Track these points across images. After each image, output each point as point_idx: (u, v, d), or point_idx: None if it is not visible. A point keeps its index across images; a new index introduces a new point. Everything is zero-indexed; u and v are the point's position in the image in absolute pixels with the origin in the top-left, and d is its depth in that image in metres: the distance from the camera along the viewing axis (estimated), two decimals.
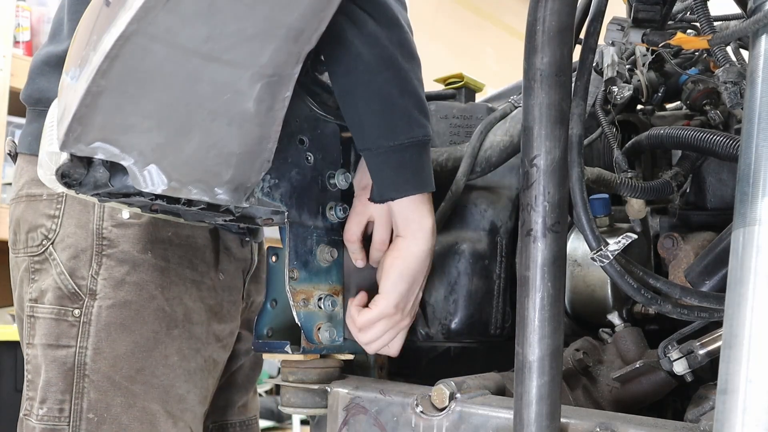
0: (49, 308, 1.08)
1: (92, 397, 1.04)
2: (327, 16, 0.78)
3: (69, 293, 1.07)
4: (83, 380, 1.04)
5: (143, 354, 1.06)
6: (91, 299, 1.06)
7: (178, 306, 1.10)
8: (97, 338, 1.05)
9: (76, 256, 1.08)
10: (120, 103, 0.72)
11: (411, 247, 0.99)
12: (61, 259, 1.08)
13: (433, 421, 0.85)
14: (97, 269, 1.07)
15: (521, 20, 0.75)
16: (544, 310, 0.70)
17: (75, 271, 1.07)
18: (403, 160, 0.95)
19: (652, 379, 0.97)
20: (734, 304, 0.58)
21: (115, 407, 1.04)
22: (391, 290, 0.98)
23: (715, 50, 0.81)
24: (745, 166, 0.60)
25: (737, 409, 0.56)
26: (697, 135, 0.91)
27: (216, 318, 1.16)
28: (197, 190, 0.83)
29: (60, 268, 1.08)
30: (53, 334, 1.06)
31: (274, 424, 3.86)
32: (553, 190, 0.71)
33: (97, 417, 1.03)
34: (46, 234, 1.10)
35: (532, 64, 0.72)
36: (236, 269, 1.22)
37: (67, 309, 1.06)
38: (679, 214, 1.07)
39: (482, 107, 1.21)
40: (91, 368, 1.04)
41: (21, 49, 2.99)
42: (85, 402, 1.04)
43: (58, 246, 1.09)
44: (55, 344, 1.06)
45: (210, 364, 1.16)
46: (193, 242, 1.14)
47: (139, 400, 1.05)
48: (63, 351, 1.05)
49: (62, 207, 1.10)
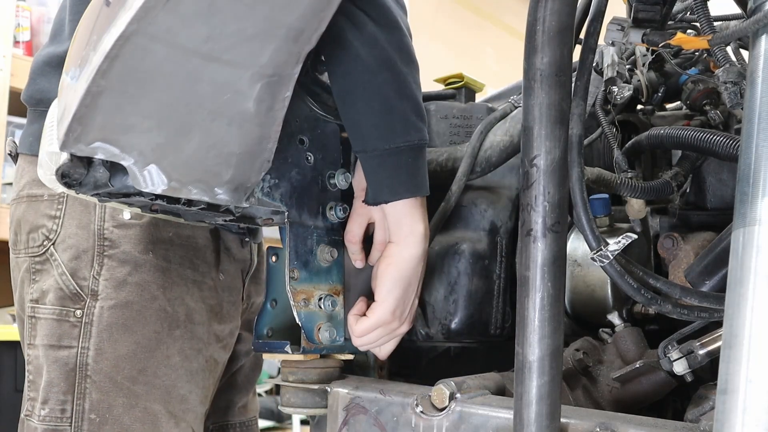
0: (51, 309, 1.07)
1: (94, 397, 1.04)
2: (327, 16, 0.78)
3: (71, 294, 1.07)
4: (85, 381, 1.04)
5: (145, 354, 1.06)
6: (93, 300, 1.06)
7: (179, 306, 1.10)
8: (99, 339, 1.05)
9: (78, 257, 1.08)
10: (120, 103, 0.72)
11: (402, 253, 0.99)
12: (63, 260, 1.08)
13: (433, 421, 0.85)
14: (98, 270, 1.07)
15: (521, 20, 0.75)
16: (544, 310, 0.70)
17: (77, 272, 1.07)
18: (398, 163, 0.95)
19: (652, 379, 0.97)
20: (734, 304, 0.58)
21: (117, 408, 1.04)
22: (386, 298, 0.99)
23: (715, 50, 0.81)
24: (745, 166, 0.60)
25: (737, 409, 0.56)
26: (697, 135, 0.91)
27: (216, 318, 1.16)
28: (197, 190, 0.83)
29: (62, 268, 1.08)
30: (55, 334, 1.06)
31: (274, 424, 3.86)
32: (553, 190, 0.71)
33: (99, 418, 1.03)
34: (47, 234, 1.10)
35: (532, 64, 0.72)
36: (236, 270, 1.23)
37: (68, 309, 1.06)
38: (679, 214, 1.07)
39: (482, 107, 1.21)
40: (93, 369, 1.04)
41: (21, 49, 2.99)
42: (87, 402, 1.04)
43: (59, 246, 1.09)
44: (57, 345, 1.06)
45: (211, 364, 1.16)
46: (194, 242, 1.14)
47: (141, 401, 1.05)
48: (65, 351, 1.05)
49: (63, 207, 1.10)
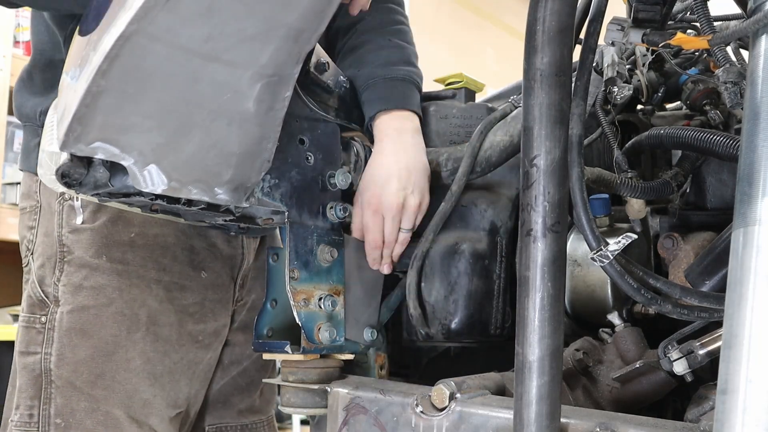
0: (24, 316, 1.09)
1: (58, 402, 1.05)
2: (327, 16, 0.78)
3: (38, 300, 1.08)
4: (50, 386, 1.05)
5: (103, 358, 1.06)
6: (56, 306, 1.07)
7: (140, 308, 1.09)
8: (60, 344, 1.05)
9: (43, 265, 1.09)
10: (120, 103, 0.72)
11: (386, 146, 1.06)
12: (34, 268, 1.10)
13: (433, 421, 0.85)
14: (59, 276, 1.07)
15: (521, 20, 0.75)
16: (544, 310, 0.70)
17: (43, 279, 1.08)
18: (394, 86, 1.08)
19: (652, 379, 0.97)
20: (734, 304, 0.58)
21: (80, 412, 1.05)
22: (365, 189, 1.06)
23: (715, 50, 0.81)
24: (745, 166, 0.60)
25: (737, 409, 0.56)
26: (697, 135, 0.90)
27: (193, 318, 1.15)
28: (197, 190, 0.83)
29: (33, 276, 1.09)
30: (24, 341, 1.07)
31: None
32: (553, 190, 0.71)
33: (64, 422, 1.04)
34: (27, 245, 1.13)
35: (532, 64, 0.72)
36: (223, 266, 1.21)
37: (35, 316, 1.08)
38: (679, 214, 1.07)
39: (482, 107, 1.21)
40: (55, 374, 1.05)
41: (21, 49, 2.99)
42: (52, 407, 1.05)
43: (34, 256, 1.11)
44: (26, 351, 1.07)
45: (183, 366, 1.14)
46: (162, 241, 1.12)
47: (101, 405, 1.06)
48: (31, 358, 1.06)
49: (37, 218, 1.12)
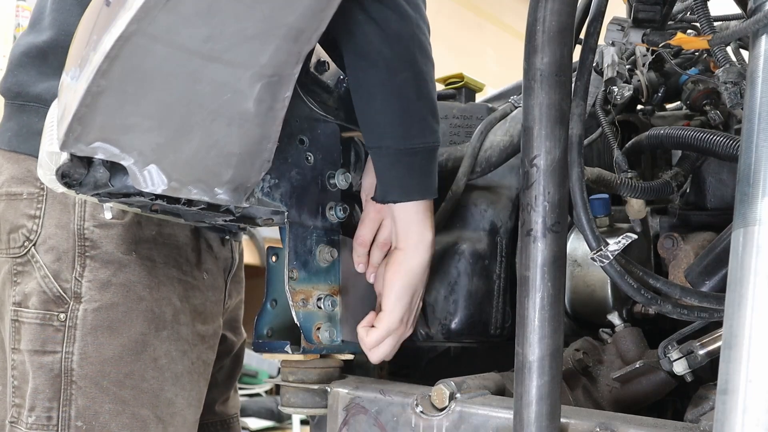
0: (35, 313, 1.04)
1: (80, 404, 1.01)
2: (327, 16, 0.78)
3: (54, 297, 1.03)
4: (71, 387, 1.01)
5: (131, 357, 1.03)
6: (77, 302, 1.03)
7: (167, 306, 1.07)
8: (83, 342, 1.02)
9: (59, 258, 1.04)
10: (120, 103, 0.72)
11: (411, 262, 0.99)
12: (45, 262, 1.04)
13: (433, 421, 0.85)
14: (80, 271, 1.03)
15: (521, 20, 0.75)
16: (544, 310, 0.70)
17: (59, 274, 1.04)
18: (412, 163, 0.95)
19: (652, 379, 0.97)
20: (734, 304, 0.58)
21: (104, 414, 1.01)
22: (394, 306, 0.99)
23: (715, 50, 0.81)
24: (745, 166, 0.60)
25: (737, 409, 0.56)
26: (697, 135, 0.91)
27: (200, 318, 1.14)
28: (197, 190, 0.83)
29: (44, 270, 1.04)
30: (39, 339, 1.03)
31: (274, 424, 3.85)
32: (553, 190, 0.71)
33: (86, 425, 1.01)
34: (27, 235, 1.06)
35: (532, 64, 0.72)
36: (219, 269, 1.20)
37: (52, 313, 1.03)
38: (679, 214, 1.07)
39: (482, 107, 1.21)
40: (78, 374, 1.01)
41: None
42: (73, 409, 1.01)
43: (40, 248, 1.05)
44: (42, 350, 1.02)
45: (199, 366, 1.13)
46: (176, 241, 1.11)
47: (128, 406, 1.03)
48: (49, 357, 1.02)
49: (43, 207, 1.06)
